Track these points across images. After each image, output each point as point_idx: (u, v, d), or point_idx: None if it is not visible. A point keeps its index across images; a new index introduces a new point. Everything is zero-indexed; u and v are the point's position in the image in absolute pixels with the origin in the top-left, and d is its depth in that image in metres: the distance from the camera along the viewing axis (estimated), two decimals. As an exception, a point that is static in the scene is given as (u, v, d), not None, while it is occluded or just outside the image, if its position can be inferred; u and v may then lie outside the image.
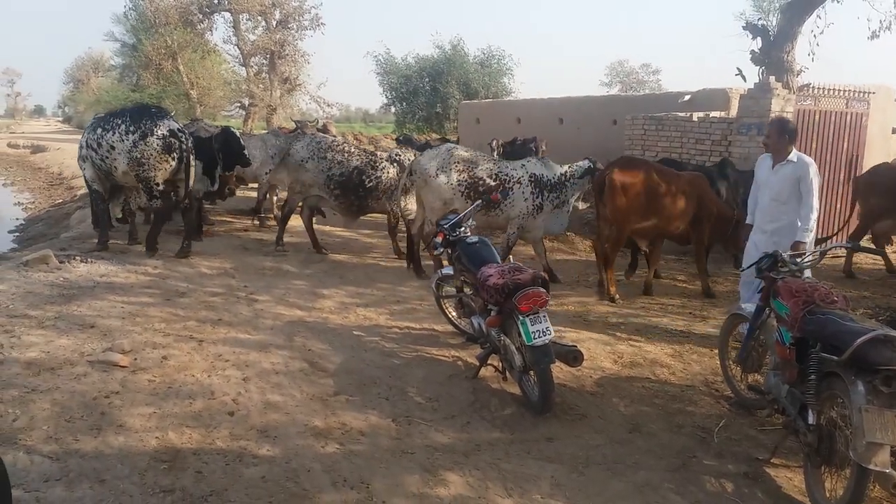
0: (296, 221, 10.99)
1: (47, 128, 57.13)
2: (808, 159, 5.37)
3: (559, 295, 7.15)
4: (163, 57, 26.55)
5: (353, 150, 8.65)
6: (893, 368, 3.08)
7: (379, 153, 8.80)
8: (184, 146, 7.87)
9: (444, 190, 7.48)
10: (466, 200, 7.34)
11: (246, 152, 9.18)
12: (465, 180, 7.55)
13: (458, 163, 7.62)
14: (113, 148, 7.87)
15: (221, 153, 8.95)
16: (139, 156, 7.71)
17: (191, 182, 8.10)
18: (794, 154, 5.34)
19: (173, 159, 7.81)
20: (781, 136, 5.34)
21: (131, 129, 7.81)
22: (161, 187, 7.91)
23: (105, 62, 49.30)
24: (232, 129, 9.52)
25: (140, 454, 3.57)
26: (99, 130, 8.01)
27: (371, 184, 8.39)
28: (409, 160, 8.37)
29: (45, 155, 28.29)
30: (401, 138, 17.14)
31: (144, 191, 7.98)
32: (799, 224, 5.25)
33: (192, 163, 8.04)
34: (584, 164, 7.85)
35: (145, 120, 7.85)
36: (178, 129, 7.93)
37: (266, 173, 10.45)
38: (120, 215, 9.31)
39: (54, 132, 46.92)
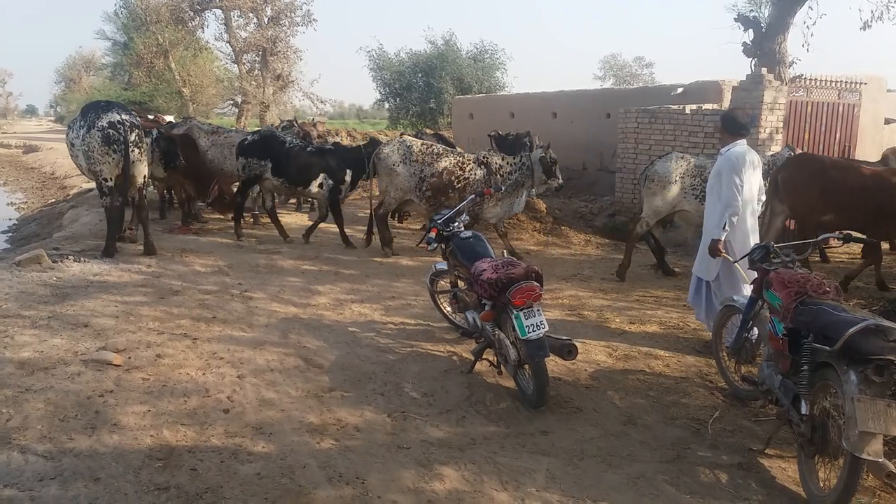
0: (289, 218, 11.00)
1: (39, 127, 56.86)
2: (735, 150, 5.11)
3: (554, 289, 7.16)
4: (154, 55, 26.46)
5: (441, 151, 8.67)
6: (885, 358, 3.09)
7: (466, 155, 8.81)
8: (122, 137, 7.55)
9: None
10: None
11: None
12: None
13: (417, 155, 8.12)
14: (72, 145, 7.86)
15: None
16: (87, 149, 7.62)
17: (137, 175, 7.80)
18: (727, 147, 5.17)
19: (114, 151, 7.54)
20: (723, 128, 5.27)
21: (81, 123, 7.77)
22: (110, 183, 7.65)
23: (96, 61, 49.13)
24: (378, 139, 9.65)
25: (135, 452, 3.56)
26: (69, 130, 8.03)
27: (460, 185, 8.42)
28: (496, 162, 8.48)
29: (37, 155, 28.18)
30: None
31: (96, 187, 7.87)
32: (715, 221, 5.13)
33: (139, 156, 7.74)
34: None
35: (91, 113, 7.75)
36: (119, 120, 7.57)
37: None
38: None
39: (46, 132, 46.68)
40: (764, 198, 5.51)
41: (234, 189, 9.88)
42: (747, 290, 5.15)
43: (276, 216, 9.60)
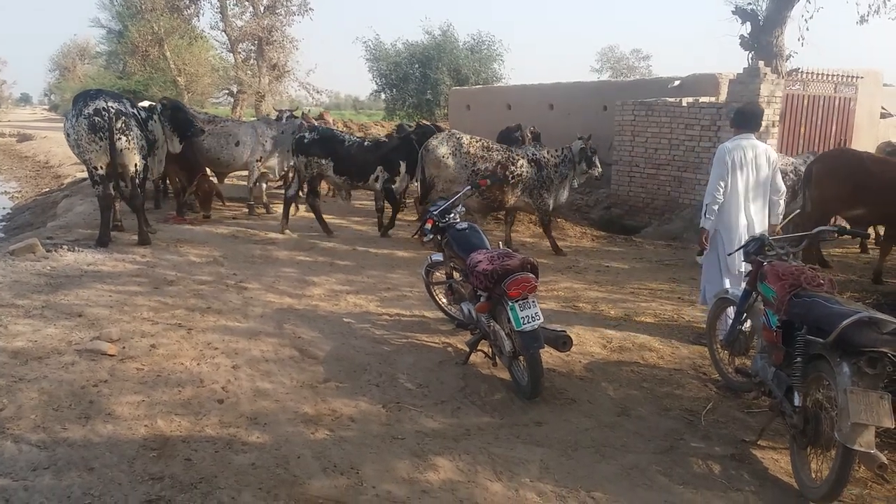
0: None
1: (34, 116, 56.59)
2: (727, 143, 5.37)
3: (549, 281, 7.17)
4: (149, 43, 26.26)
5: (492, 145, 8.67)
6: (878, 350, 3.11)
7: (515, 150, 8.79)
8: (106, 124, 7.46)
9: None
10: None
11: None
12: None
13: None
14: (68, 135, 7.80)
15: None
16: (76, 137, 7.58)
17: (127, 164, 7.73)
18: (730, 139, 5.41)
19: (100, 139, 7.48)
20: (730, 122, 5.49)
21: (72, 112, 7.71)
22: (101, 171, 7.60)
23: (91, 49, 48.74)
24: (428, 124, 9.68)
25: (129, 442, 3.56)
26: (65, 121, 7.98)
27: (513, 180, 8.42)
28: (545, 157, 8.49)
29: (31, 143, 28.01)
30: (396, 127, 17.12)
31: (88, 176, 7.81)
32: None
33: (127, 144, 7.65)
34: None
35: (80, 102, 7.68)
36: (104, 107, 7.50)
37: (257, 161, 10.41)
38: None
39: (41, 120, 46.44)
40: (776, 194, 5.49)
41: (210, 184, 9.82)
42: (727, 282, 5.23)
43: (320, 211, 9.54)
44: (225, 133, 10.30)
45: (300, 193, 9.80)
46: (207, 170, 10.41)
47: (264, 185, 11.10)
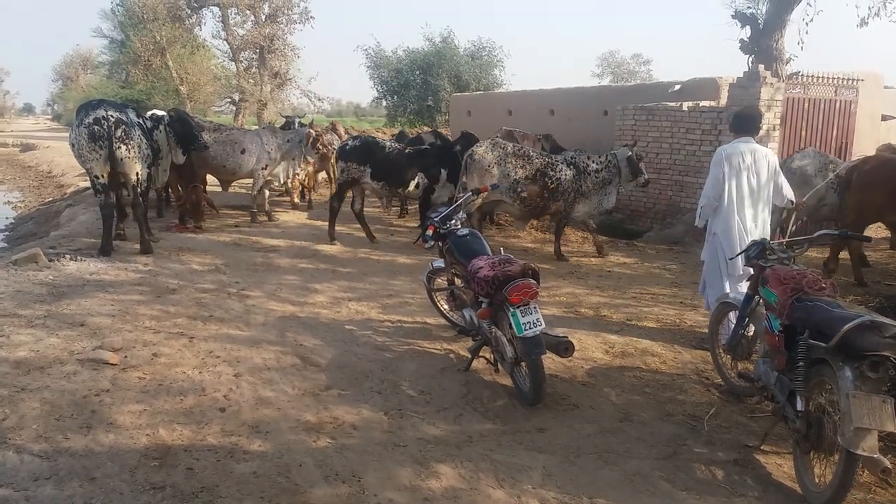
0: (286, 216, 10.99)
1: (37, 126, 56.70)
2: (724, 146, 5.45)
3: (551, 286, 7.16)
4: (151, 53, 26.35)
5: (531, 153, 8.72)
6: (881, 354, 3.10)
7: (554, 156, 8.82)
8: (106, 133, 7.47)
9: None
10: None
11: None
12: None
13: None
14: (72, 145, 7.82)
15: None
16: (78, 146, 7.61)
17: (128, 172, 7.73)
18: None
19: (100, 147, 7.51)
20: (729, 126, 5.52)
21: (75, 122, 7.76)
22: (102, 180, 7.62)
23: (94, 59, 48.92)
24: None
25: (130, 452, 3.56)
26: (70, 132, 8.01)
27: (553, 185, 8.47)
28: (584, 162, 8.54)
29: (34, 153, 28.08)
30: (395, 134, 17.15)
31: (91, 185, 7.84)
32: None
33: (127, 153, 7.65)
34: None
35: (82, 111, 7.73)
36: (103, 116, 7.52)
37: (263, 169, 10.44)
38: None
39: (44, 130, 46.59)
40: (780, 200, 5.50)
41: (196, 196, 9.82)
42: (727, 286, 5.24)
43: (364, 219, 9.58)
44: (231, 141, 10.33)
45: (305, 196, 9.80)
46: (209, 177, 10.43)
47: (266, 193, 11.12)
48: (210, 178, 11.48)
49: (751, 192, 5.29)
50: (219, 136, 10.41)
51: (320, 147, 10.97)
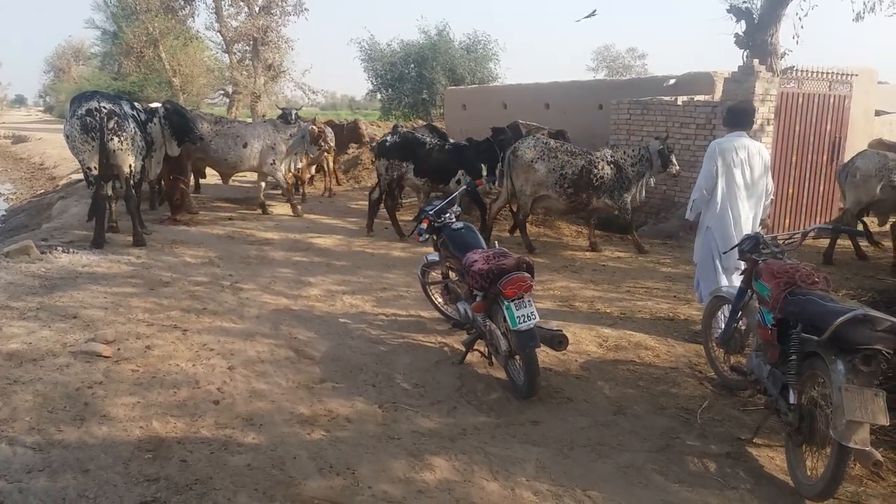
0: (279, 209, 10.96)
1: (28, 118, 56.32)
2: (719, 140, 5.47)
3: (545, 280, 7.17)
4: (144, 44, 26.19)
5: (574, 149, 8.72)
6: (873, 347, 3.12)
7: (594, 153, 8.81)
8: (98, 124, 7.44)
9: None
10: None
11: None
12: None
13: None
14: (67, 137, 7.78)
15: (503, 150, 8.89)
16: (71, 138, 7.58)
17: (121, 164, 7.69)
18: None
19: (92, 139, 7.48)
20: (723, 120, 5.57)
21: (69, 114, 7.74)
22: (94, 172, 7.59)
23: (86, 50, 48.68)
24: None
25: (124, 444, 3.55)
26: (64, 123, 7.98)
27: (597, 182, 8.49)
28: (623, 157, 8.55)
29: (26, 145, 27.91)
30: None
31: (83, 175, 7.81)
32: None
33: (119, 144, 7.61)
34: None
35: (75, 103, 7.71)
36: (96, 107, 7.49)
37: (271, 163, 10.39)
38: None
39: (36, 122, 46.26)
40: (766, 197, 5.54)
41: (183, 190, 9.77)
42: (723, 279, 5.26)
43: (395, 215, 9.55)
44: (233, 134, 10.28)
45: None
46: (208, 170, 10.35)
47: (263, 185, 11.09)
48: (209, 171, 11.46)
49: (745, 186, 5.31)
50: (220, 128, 10.36)
51: (322, 143, 10.93)
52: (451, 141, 9.88)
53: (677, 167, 8.71)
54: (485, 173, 8.91)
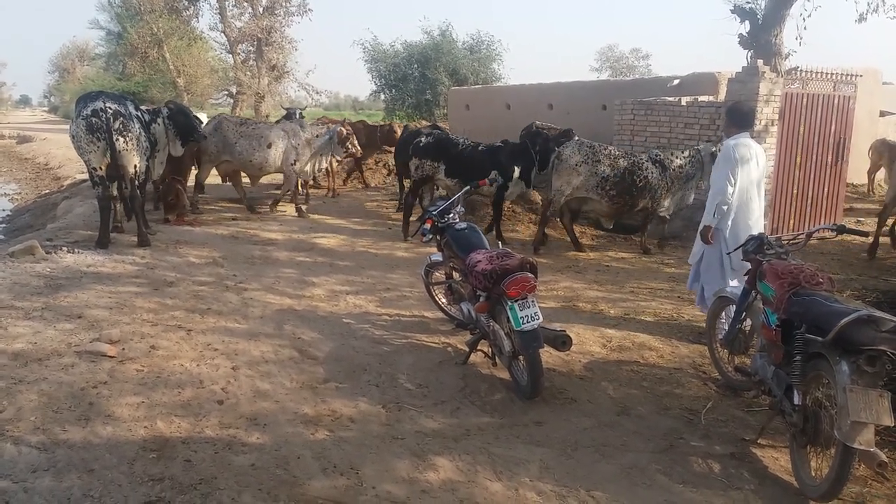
0: (289, 209, 10.96)
1: (33, 118, 56.51)
2: (734, 141, 5.31)
3: (548, 280, 7.17)
4: (148, 45, 26.31)
5: (617, 152, 8.72)
6: (877, 348, 3.11)
7: (640, 154, 8.83)
8: (104, 125, 7.45)
9: None
10: None
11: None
12: None
13: None
14: (72, 137, 7.80)
15: (538, 153, 8.88)
16: (77, 138, 7.60)
17: (126, 164, 7.70)
18: (731, 138, 5.36)
19: (98, 139, 7.50)
20: (727, 120, 5.47)
21: (74, 114, 7.78)
22: (100, 172, 7.60)
23: (90, 51, 48.84)
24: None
25: (128, 443, 3.56)
26: (70, 124, 8.02)
27: (641, 184, 8.48)
28: (668, 158, 8.55)
29: (31, 145, 27.98)
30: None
31: (88, 176, 7.83)
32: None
33: (125, 145, 7.62)
34: None
35: (80, 103, 7.74)
36: (101, 108, 7.50)
37: (293, 164, 10.40)
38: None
39: (40, 122, 46.40)
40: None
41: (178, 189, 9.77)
42: (727, 280, 5.25)
43: (409, 214, 9.45)
44: (257, 135, 10.31)
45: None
46: (221, 172, 10.32)
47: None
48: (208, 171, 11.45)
49: (756, 186, 5.33)
50: (245, 129, 10.38)
51: (349, 146, 10.91)
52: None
53: None
54: (517, 175, 8.93)
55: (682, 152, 8.70)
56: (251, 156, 10.24)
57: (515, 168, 9.02)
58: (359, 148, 11.37)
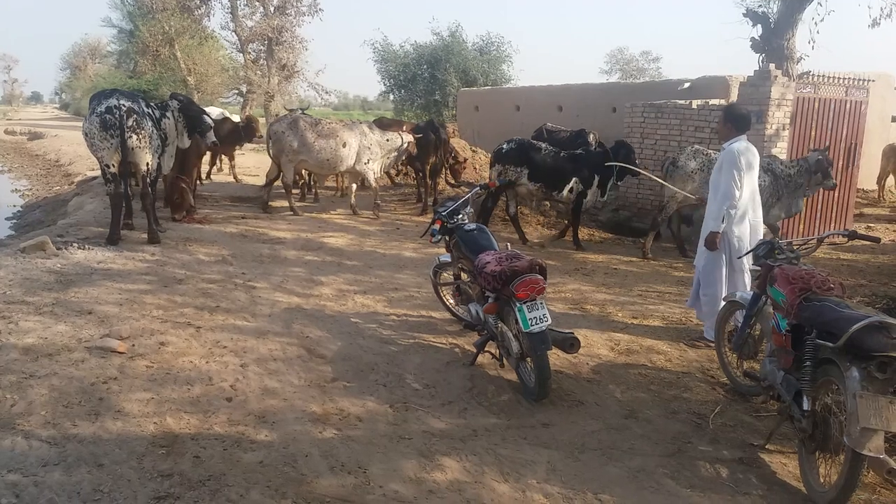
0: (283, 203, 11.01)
1: (44, 115, 56.80)
2: (735, 146, 5.21)
3: (557, 282, 7.16)
4: (160, 43, 26.40)
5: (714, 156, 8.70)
6: (888, 354, 3.09)
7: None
8: (117, 122, 7.50)
9: None
10: None
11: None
12: None
13: None
14: (86, 134, 7.85)
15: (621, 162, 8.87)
16: (90, 135, 7.65)
17: (139, 162, 7.76)
18: (731, 141, 5.29)
19: (111, 136, 7.54)
20: (725, 122, 5.37)
21: (88, 111, 7.84)
22: (112, 169, 7.64)
23: (102, 48, 49.10)
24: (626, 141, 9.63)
25: (138, 439, 3.58)
26: (84, 122, 8.07)
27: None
28: (780, 167, 8.37)
29: (42, 142, 28.14)
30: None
31: (101, 172, 7.88)
32: (713, 213, 5.29)
33: (138, 142, 7.66)
34: None
35: (94, 101, 7.81)
36: (115, 105, 7.54)
37: (365, 162, 10.53)
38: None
39: (51, 119, 46.69)
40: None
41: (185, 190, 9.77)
42: (724, 287, 5.24)
43: (518, 221, 9.62)
44: (333, 135, 10.40)
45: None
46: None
47: (354, 187, 11.21)
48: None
49: (759, 189, 5.33)
50: (322, 129, 10.45)
51: (411, 151, 11.06)
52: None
53: (834, 181, 8.55)
54: (595, 184, 8.98)
55: (792, 162, 8.53)
56: (328, 155, 10.35)
57: (595, 177, 9.03)
58: (414, 152, 11.36)
